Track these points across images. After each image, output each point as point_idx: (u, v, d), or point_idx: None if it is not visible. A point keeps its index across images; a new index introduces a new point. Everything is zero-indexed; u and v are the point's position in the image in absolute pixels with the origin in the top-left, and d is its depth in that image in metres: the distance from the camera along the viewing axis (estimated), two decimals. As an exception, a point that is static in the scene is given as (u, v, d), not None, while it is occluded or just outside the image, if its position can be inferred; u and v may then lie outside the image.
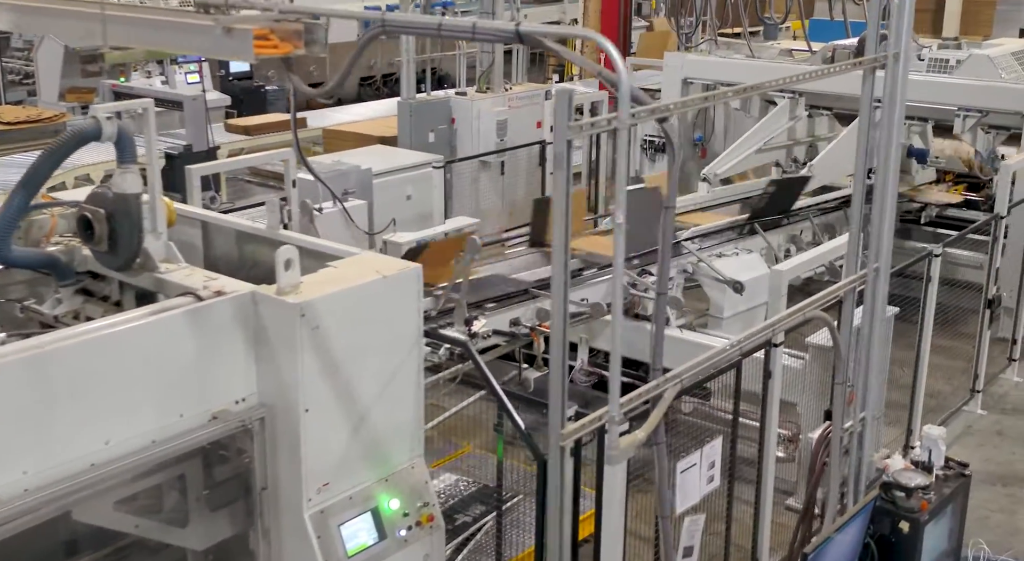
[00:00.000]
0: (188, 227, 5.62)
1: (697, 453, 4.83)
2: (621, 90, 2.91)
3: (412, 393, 4.68)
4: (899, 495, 4.76)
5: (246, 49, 3.43)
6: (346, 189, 8.32)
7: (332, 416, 4.38)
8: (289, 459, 4.34)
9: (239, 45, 3.42)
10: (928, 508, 4.81)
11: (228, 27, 3.36)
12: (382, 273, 4.52)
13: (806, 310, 4.43)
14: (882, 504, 4.80)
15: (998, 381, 8.74)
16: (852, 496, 4.99)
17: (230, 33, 3.39)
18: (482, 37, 3.27)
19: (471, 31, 3.26)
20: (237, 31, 3.38)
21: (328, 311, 4.27)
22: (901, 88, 4.53)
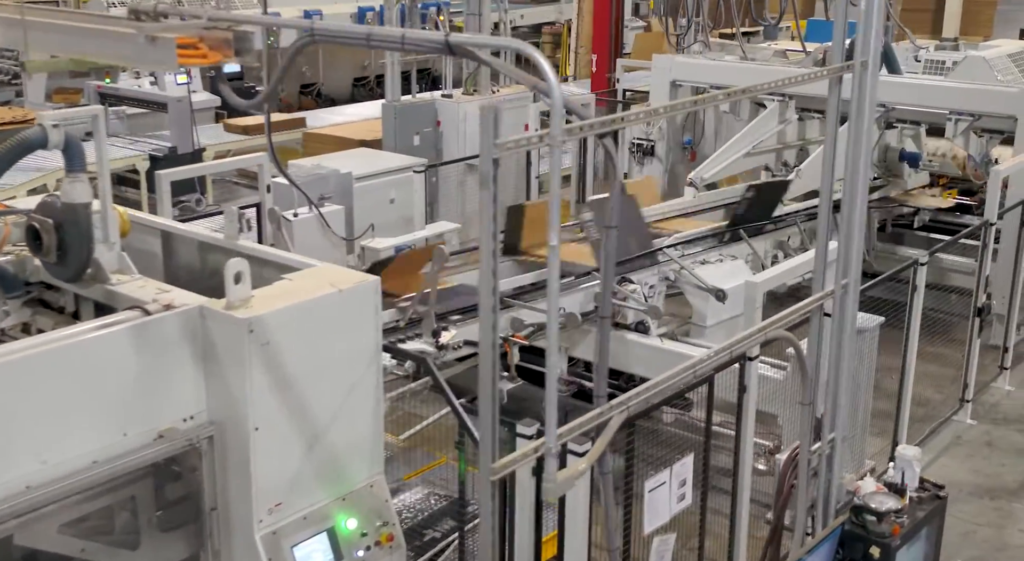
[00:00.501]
0: (148, 236, 5.49)
1: (667, 471, 4.67)
2: (554, 105, 2.75)
3: (371, 409, 4.54)
4: (870, 519, 4.59)
5: (169, 58, 3.27)
6: (323, 194, 8.17)
7: (284, 434, 4.24)
8: (239, 478, 4.19)
9: (162, 54, 3.27)
10: (900, 532, 4.64)
11: (152, 36, 3.21)
12: (338, 286, 4.38)
13: (767, 330, 4.27)
14: (852, 528, 4.63)
15: (989, 390, 8.56)
16: (822, 519, 4.82)
17: (154, 42, 3.23)
18: (411, 48, 3.12)
19: (400, 42, 3.11)
20: (161, 40, 3.22)
21: (279, 326, 4.12)
22: (870, 97, 4.35)
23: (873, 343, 6.71)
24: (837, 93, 4.34)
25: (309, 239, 7.96)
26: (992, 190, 7.93)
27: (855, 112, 4.38)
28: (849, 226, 4.45)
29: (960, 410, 8.04)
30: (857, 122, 4.40)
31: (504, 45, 3.02)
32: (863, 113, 4.38)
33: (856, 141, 4.42)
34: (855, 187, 4.42)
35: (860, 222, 4.48)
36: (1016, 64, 11.16)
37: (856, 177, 4.41)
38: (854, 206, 4.44)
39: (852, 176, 4.43)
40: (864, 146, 4.41)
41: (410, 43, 3.08)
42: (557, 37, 21.15)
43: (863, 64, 4.20)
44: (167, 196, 7.13)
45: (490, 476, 2.98)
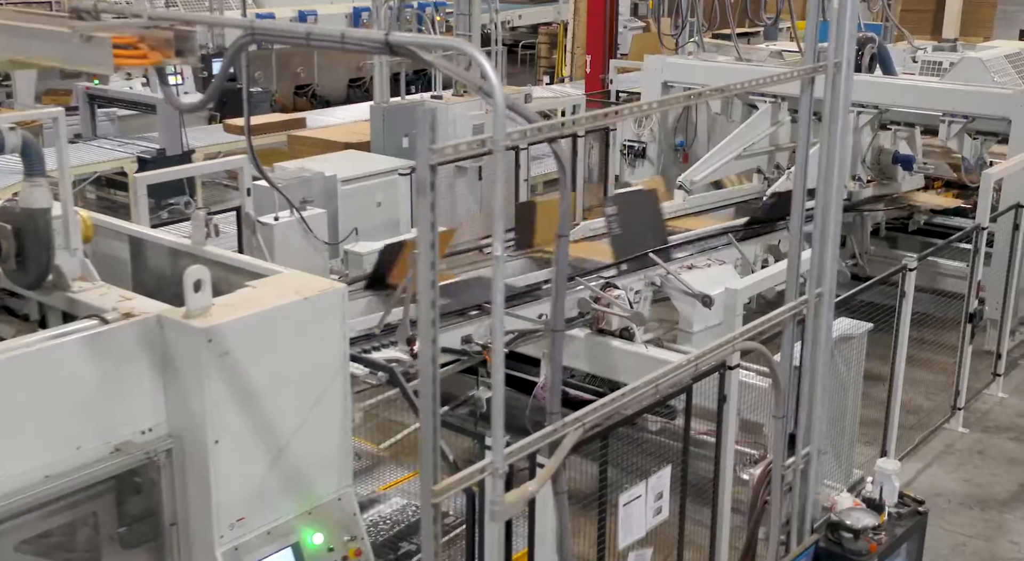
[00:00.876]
0: (116, 241, 5.38)
1: (642, 484, 4.54)
2: (495, 108, 2.63)
3: (338, 421, 4.42)
4: (846, 536, 4.46)
5: (104, 59, 3.15)
6: (305, 197, 8.05)
7: (246, 447, 4.12)
8: (199, 493, 4.08)
9: (98, 54, 3.15)
10: (877, 550, 4.51)
11: (87, 35, 3.09)
12: (302, 294, 4.26)
13: (735, 341, 4.13)
14: (828, 545, 4.50)
15: (982, 397, 8.40)
16: (796, 536, 4.68)
17: (89, 42, 3.11)
18: (351, 47, 3.00)
19: (340, 41, 2.99)
20: (96, 39, 3.10)
21: (239, 336, 4.01)
22: (844, 99, 4.21)
23: (861, 350, 6.58)
24: (809, 94, 4.20)
25: (291, 243, 7.84)
26: (984, 193, 7.79)
27: (828, 114, 4.24)
28: (823, 233, 4.31)
29: (952, 418, 7.89)
30: (831, 125, 4.26)
31: (445, 44, 2.90)
32: (836, 116, 4.24)
33: (830, 145, 4.27)
34: (829, 193, 4.28)
35: (835, 229, 4.34)
36: (1013, 65, 11.01)
37: (830, 182, 4.27)
38: (828, 213, 4.30)
39: (826, 181, 4.29)
40: (838, 150, 4.27)
41: (350, 43, 2.96)
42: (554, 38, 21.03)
43: (836, 65, 4.06)
44: (143, 200, 7.01)
45: (431, 499, 2.86)
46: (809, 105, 4.26)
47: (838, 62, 4.07)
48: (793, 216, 4.28)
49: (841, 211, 4.42)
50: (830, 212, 4.29)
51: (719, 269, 7.66)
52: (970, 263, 7.67)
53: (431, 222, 2.57)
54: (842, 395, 6.58)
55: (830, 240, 4.33)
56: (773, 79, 4.09)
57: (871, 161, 9.97)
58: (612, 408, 3.45)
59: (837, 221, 4.36)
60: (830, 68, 4.08)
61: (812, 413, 4.54)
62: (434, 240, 2.61)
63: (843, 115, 4.27)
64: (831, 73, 4.10)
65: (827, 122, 4.26)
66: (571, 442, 3.28)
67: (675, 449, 5.71)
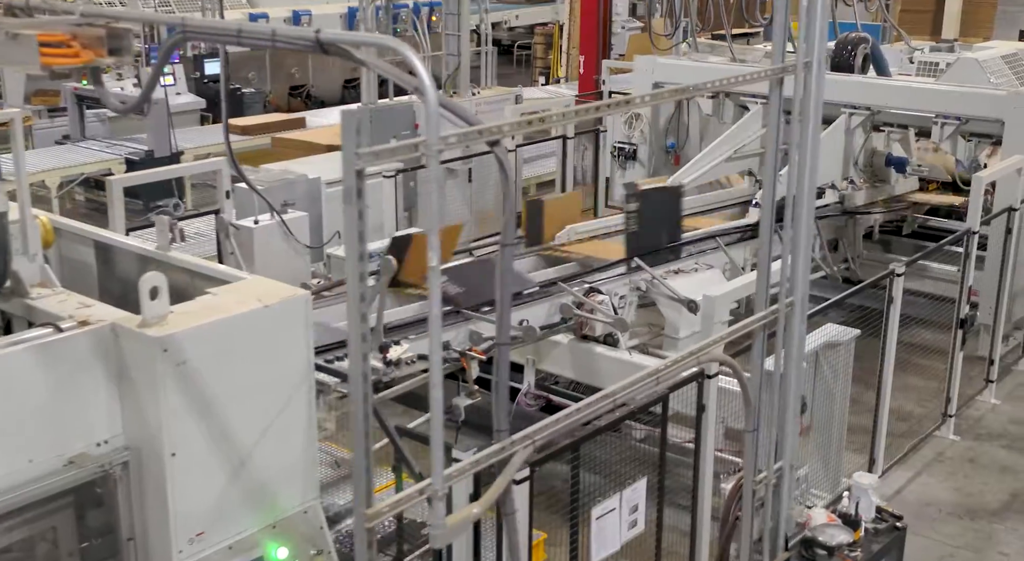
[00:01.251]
0: (82, 246, 5.27)
1: (616, 497, 4.41)
2: (428, 109, 2.51)
3: (303, 432, 4.31)
4: (820, 553, 4.33)
5: (31, 57, 3.03)
6: (286, 200, 7.92)
7: (205, 459, 4.01)
8: (156, 507, 3.98)
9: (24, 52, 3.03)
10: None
11: (12, 33, 2.97)
12: (264, 302, 4.15)
13: (699, 354, 4.00)
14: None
15: (974, 404, 8.25)
16: (768, 554, 4.55)
17: (15, 39, 2.99)
18: (282, 45, 2.88)
19: (270, 39, 2.87)
20: (22, 37, 2.98)
21: (196, 345, 3.89)
22: (815, 101, 4.08)
23: (848, 357, 6.47)
24: (778, 95, 4.07)
25: (271, 247, 7.71)
26: (974, 196, 7.64)
27: (797, 116, 4.11)
28: (795, 240, 4.17)
29: (943, 425, 7.74)
30: (802, 128, 4.12)
31: (375, 42, 2.78)
32: (808, 117, 4.11)
33: (801, 148, 4.14)
34: (801, 198, 4.15)
35: (807, 236, 4.21)
36: (1010, 66, 10.87)
37: (802, 187, 4.14)
38: (800, 219, 4.17)
39: (798, 186, 4.15)
40: (810, 153, 4.13)
41: (281, 40, 2.84)
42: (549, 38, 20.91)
43: (806, 65, 3.93)
44: (119, 203, 6.89)
45: (364, 523, 2.73)
46: (779, 106, 4.13)
47: (808, 62, 3.94)
48: (763, 222, 4.15)
49: (814, 217, 4.29)
50: (802, 218, 4.16)
51: (707, 274, 7.54)
52: (961, 267, 7.52)
53: (359, 232, 2.45)
54: (829, 403, 6.47)
55: (802, 247, 4.19)
56: (742, 79, 3.96)
57: (864, 163, 9.83)
58: (567, 424, 3.32)
59: (810, 227, 4.23)
60: (799, 68, 3.95)
61: (785, 427, 4.40)
62: (363, 252, 2.49)
63: (815, 117, 4.14)
64: (800, 73, 3.97)
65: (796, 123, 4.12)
66: (520, 460, 3.16)
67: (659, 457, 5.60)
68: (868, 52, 10.10)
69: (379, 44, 2.76)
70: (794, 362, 4.32)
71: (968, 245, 7.47)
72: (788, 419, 4.38)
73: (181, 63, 16.27)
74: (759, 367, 4.28)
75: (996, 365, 8.35)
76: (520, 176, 11.80)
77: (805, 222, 4.18)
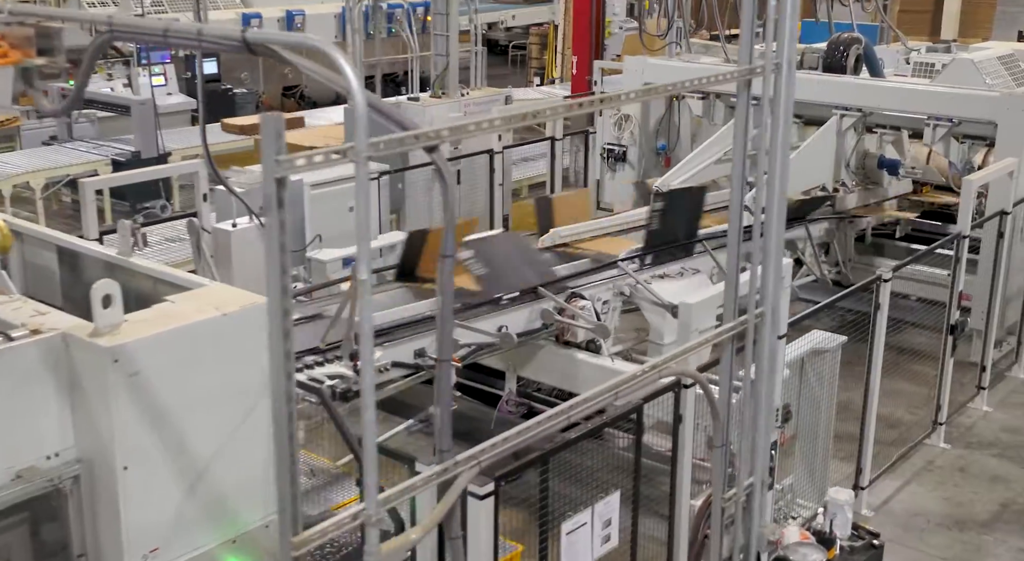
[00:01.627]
0: (45, 251, 5.15)
1: (587, 511, 4.28)
2: (356, 113, 2.39)
3: (264, 444, 4.17)
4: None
5: (-49, 59, 2.91)
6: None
7: (159, 473, 3.88)
8: (108, 522, 3.85)
9: (-56, 54, 2.91)
10: (825, 589, 4.24)
11: (-67, 33, 2.85)
12: (222, 310, 4.02)
13: (660, 367, 3.86)
14: (775, 582, 4.25)
15: (966, 411, 8.10)
16: (739, 573, 4.42)
17: (-64, 40, 2.88)
18: (209, 45, 2.76)
19: (196, 38, 2.75)
20: (-57, 38, 2.87)
21: (149, 355, 3.77)
22: (785, 104, 3.94)
23: (834, 364, 6.33)
24: (746, 97, 3.93)
25: (250, 251, 7.58)
26: (964, 200, 7.50)
27: (767, 117, 3.97)
28: (765, 248, 4.03)
29: (933, 433, 7.60)
30: (772, 130, 3.98)
31: (301, 42, 2.65)
32: (778, 120, 3.97)
33: (771, 152, 4.00)
34: (772, 203, 4.01)
35: (778, 242, 4.06)
36: (1006, 67, 10.73)
37: (772, 192, 3.99)
38: (771, 224, 4.03)
39: (768, 191, 4.01)
40: (779, 158, 3.99)
41: (207, 40, 2.72)
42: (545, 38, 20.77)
43: (776, 67, 3.79)
44: (92, 206, 6.77)
45: (291, 552, 2.60)
46: (746, 108, 3.99)
47: (778, 63, 3.80)
48: (731, 227, 4.00)
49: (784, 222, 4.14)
50: (772, 223, 4.02)
51: (694, 279, 7.39)
52: (951, 272, 7.38)
53: (280, 244, 2.31)
54: (814, 411, 6.33)
55: (773, 254, 4.05)
56: (712, 79, 3.83)
57: (856, 166, 9.70)
58: (517, 443, 3.19)
59: (780, 233, 4.08)
60: (767, 70, 3.81)
61: (756, 442, 4.26)
62: (285, 264, 2.36)
63: (784, 120, 4.00)
64: (769, 75, 3.84)
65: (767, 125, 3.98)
66: (464, 482, 3.03)
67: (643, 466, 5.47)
68: (861, 53, 9.95)
69: (304, 45, 2.63)
70: (765, 375, 4.18)
71: (958, 249, 7.32)
72: (760, 434, 4.24)
73: (172, 63, 16.16)
74: (727, 380, 4.14)
75: (988, 371, 8.20)
76: (510, 178, 11.65)
77: (775, 229, 4.04)
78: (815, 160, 9.31)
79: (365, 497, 2.69)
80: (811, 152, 9.31)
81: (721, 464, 4.16)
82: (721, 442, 4.16)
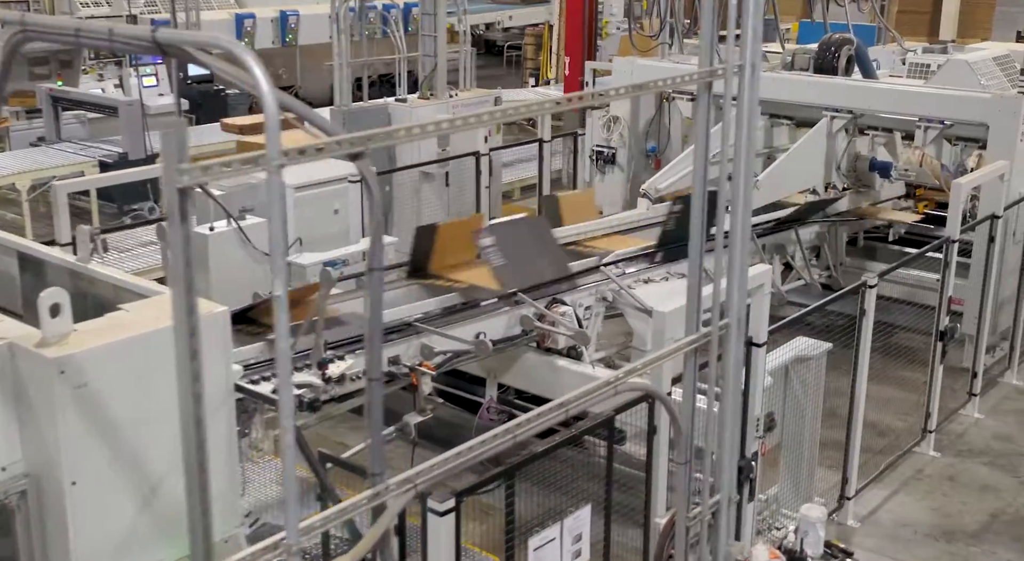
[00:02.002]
0: (5, 257, 5.03)
1: (556, 526, 4.15)
2: (267, 117, 2.26)
3: (222, 457, 4.05)
4: (762, 594, 4.07)
5: None
6: (243, 206, 7.66)
7: (110, 488, 3.77)
8: (57, 538, 3.73)
9: None
10: (794, 611, 4.11)
11: None
12: (177, 319, 3.89)
13: (616, 383, 3.73)
14: (744, 604, 4.12)
15: (957, 418, 7.95)
16: (706, 594, 4.28)
17: None
18: (120, 45, 2.65)
19: (108, 38, 2.63)
20: None
21: (98, 366, 3.65)
22: (749, 107, 3.81)
23: (820, 371, 6.21)
24: (707, 100, 3.81)
25: (227, 255, 7.46)
26: (954, 204, 7.35)
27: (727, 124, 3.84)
28: (731, 256, 3.90)
29: (923, 441, 7.45)
30: (737, 137, 3.85)
31: (212, 42, 2.53)
32: (743, 124, 3.84)
33: (735, 157, 3.87)
34: (736, 210, 3.88)
35: (743, 249, 3.93)
36: (1001, 68, 10.58)
37: (736, 198, 3.86)
38: (736, 232, 3.89)
39: (733, 196, 3.89)
40: (743, 165, 3.86)
41: (118, 39, 2.61)
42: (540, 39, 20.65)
43: (739, 69, 3.66)
44: (64, 209, 6.65)
45: None
46: (707, 111, 3.87)
47: (741, 65, 3.67)
48: (692, 234, 3.86)
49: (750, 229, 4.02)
50: (737, 232, 3.88)
51: (679, 283, 7.24)
52: (940, 277, 7.24)
53: (185, 259, 2.19)
54: (799, 420, 6.21)
55: (738, 262, 3.91)
56: (677, 81, 3.71)
57: (847, 168, 9.56)
58: (456, 464, 3.06)
59: (746, 242, 3.95)
60: (729, 72, 3.68)
61: (722, 458, 4.12)
62: (190, 283, 2.23)
63: (749, 123, 3.86)
64: (730, 78, 3.70)
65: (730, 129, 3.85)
66: (397, 508, 2.90)
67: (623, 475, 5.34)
68: (852, 53, 9.81)
69: (215, 45, 2.51)
70: (730, 389, 4.04)
71: (947, 254, 7.18)
72: (725, 450, 4.11)
73: (164, 64, 16.03)
74: (691, 394, 4.01)
75: (980, 378, 8.05)
76: (500, 180, 11.53)
77: (740, 236, 3.90)
78: (805, 162, 9.18)
79: (286, 526, 2.57)
80: (801, 154, 9.18)
81: (685, 481, 4.03)
82: (684, 459, 4.03)
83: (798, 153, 9.14)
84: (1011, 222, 8.29)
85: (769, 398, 5.72)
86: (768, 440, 5.83)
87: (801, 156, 9.11)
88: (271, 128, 2.26)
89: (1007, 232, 8.19)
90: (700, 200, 3.79)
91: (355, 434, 7.64)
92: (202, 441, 2.40)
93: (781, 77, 9.78)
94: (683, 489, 4.03)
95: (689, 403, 3.97)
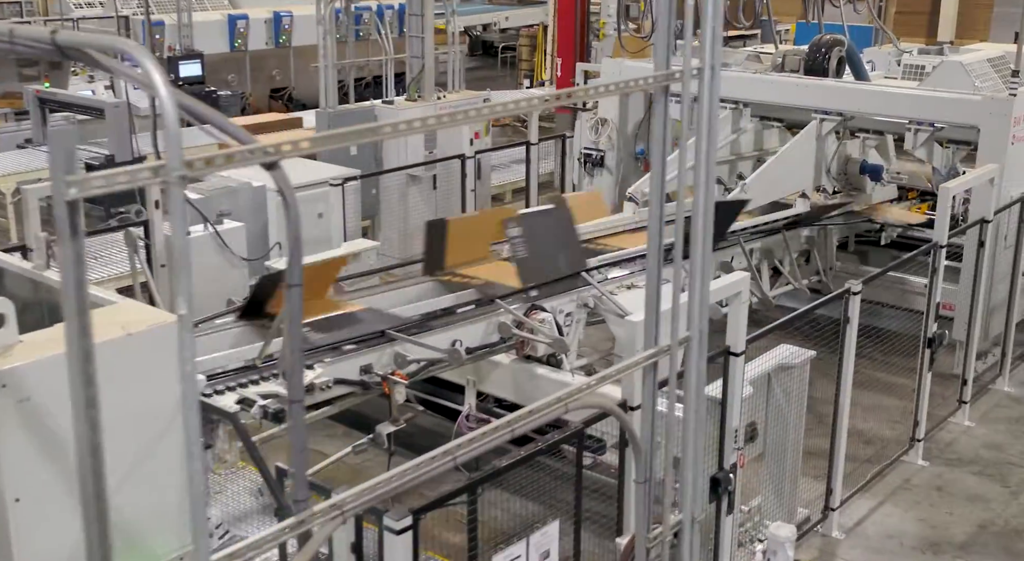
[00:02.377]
0: (-35, 263, 4.91)
1: (522, 544, 4.03)
2: (167, 125, 2.14)
3: (177, 472, 3.93)
4: (728, 618, 3.94)
5: None
6: (221, 210, 7.55)
7: (56, 505, 3.65)
8: (0, 557, 3.60)
9: None
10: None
11: None
12: (127, 329, 3.78)
13: (569, 400, 3.59)
14: (709, 628, 3.98)
15: (947, 425, 7.81)
16: (670, 617, 4.15)
17: None
18: (21, 47, 2.54)
19: (9, 39, 2.52)
20: None
21: (42, 380, 3.53)
22: (709, 110, 3.69)
23: (803, 379, 6.08)
24: (663, 104, 3.69)
25: (204, 259, 7.36)
26: (941, 209, 7.21)
27: (686, 126, 3.72)
28: (692, 266, 3.78)
29: (911, 450, 7.31)
30: (696, 140, 3.73)
31: (111, 45, 2.41)
32: (702, 128, 3.72)
33: (696, 163, 3.74)
34: (697, 218, 3.76)
35: (705, 259, 3.81)
36: (996, 69, 10.45)
37: (697, 207, 3.74)
38: (697, 240, 3.77)
39: (695, 203, 3.76)
40: (705, 170, 3.74)
41: (18, 42, 2.49)
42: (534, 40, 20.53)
43: (697, 72, 3.54)
44: (35, 213, 6.54)
45: None
46: (664, 115, 3.75)
47: (700, 68, 3.55)
48: (650, 242, 3.73)
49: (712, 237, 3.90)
50: (699, 239, 3.76)
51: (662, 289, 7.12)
52: (928, 282, 7.10)
53: (78, 278, 2.06)
54: (782, 429, 6.08)
55: (699, 272, 3.79)
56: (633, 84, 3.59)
57: (837, 171, 9.43)
58: (396, 485, 2.93)
59: (708, 252, 3.83)
60: (686, 75, 3.56)
61: (685, 476, 3.98)
62: (83, 302, 2.11)
63: (708, 129, 3.74)
64: (687, 81, 3.58)
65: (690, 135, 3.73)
66: (324, 535, 2.78)
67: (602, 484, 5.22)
68: (843, 55, 9.68)
69: (113, 47, 2.40)
70: (693, 404, 3.91)
71: (935, 259, 7.04)
72: (689, 468, 3.97)
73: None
74: (650, 410, 3.88)
75: (970, 385, 7.91)
76: (488, 182, 11.41)
77: (701, 246, 3.78)
78: (794, 166, 9.05)
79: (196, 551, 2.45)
80: (790, 157, 9.05)
81: (644, 502, 3.90)
82: (644, 477, 3.90)
83: (787, 156, 9.02)
84: (1002, 226, 8.16)
85: (751, 407, 5.60)
86: (750, 450, 5.70)
87: (790, 159, 8.98)
88: (171, 136, 2.13)
89: (998, 236, 8.06)
90: (657, 209, 3.67)
91: (332, 442, 7.53)
92: (99, 469, 2.28)
93: (770, 79, 9.66)
94: (642, 510, 3.89)
95: (650, 418, 3.84)
